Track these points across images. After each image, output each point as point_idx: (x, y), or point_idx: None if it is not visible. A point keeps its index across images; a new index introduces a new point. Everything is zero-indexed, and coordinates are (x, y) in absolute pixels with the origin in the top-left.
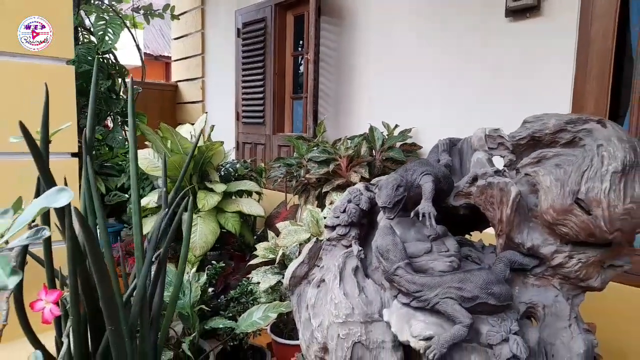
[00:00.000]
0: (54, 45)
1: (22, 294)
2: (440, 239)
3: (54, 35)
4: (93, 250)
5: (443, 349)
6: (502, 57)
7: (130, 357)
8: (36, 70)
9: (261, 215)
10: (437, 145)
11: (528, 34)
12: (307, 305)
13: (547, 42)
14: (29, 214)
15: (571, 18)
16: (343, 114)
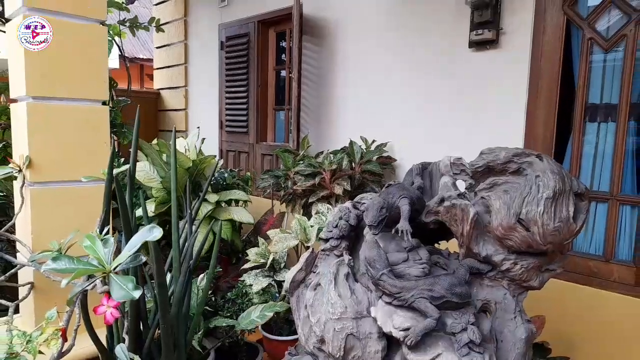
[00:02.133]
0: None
1: (86, 301)
2: (415, 250)
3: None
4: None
5: (418, 337)
6: (465, 82)
7: (172, 346)
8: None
9: (251, 222)
10: (412, 169)
11: (488, 63)
12: (306, 305)
13: (504, 71)
14: (132, 245)
15: (524, 51)
16: (324, 127)
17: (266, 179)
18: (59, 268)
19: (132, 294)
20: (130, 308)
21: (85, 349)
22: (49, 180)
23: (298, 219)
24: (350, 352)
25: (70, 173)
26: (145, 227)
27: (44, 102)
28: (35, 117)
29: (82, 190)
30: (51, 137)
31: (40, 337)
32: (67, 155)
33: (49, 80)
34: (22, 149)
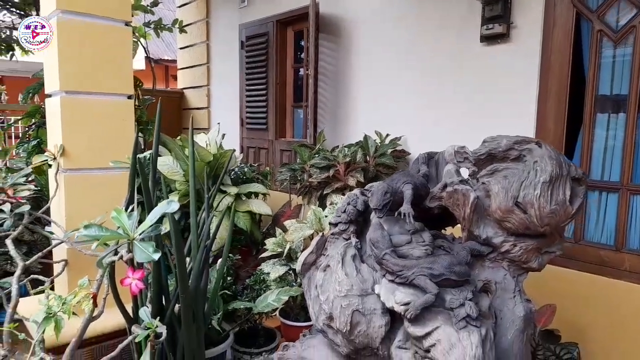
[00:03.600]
0: (118, 83)
1: (114, 273)
2: (418, 233)
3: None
4: (178, 243)
5: (417, 310)
6: (477, 76)
7: (191, 318)
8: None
9: (269, 214)
10: (418, 157)
11: (499, 57)
12: (316, 285)
13: (515, 64)
14: (153, 216)
15: (535, 44)
16: (340, 123)
17: (283, 172)
18: (90, 234)
19: (152, 256)
20: (153, 281)
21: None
22: (80, 167)
23: (313, 209)
24: (356, 327)
25: (99, 161)
26: (164, 200)
27: (75, 97)
28: (68, 110)
29: (110, 176)
30: (82, 128)
31: (74, 299)
32: (96, 144)
33: (80, 77)
34: (56, 139)
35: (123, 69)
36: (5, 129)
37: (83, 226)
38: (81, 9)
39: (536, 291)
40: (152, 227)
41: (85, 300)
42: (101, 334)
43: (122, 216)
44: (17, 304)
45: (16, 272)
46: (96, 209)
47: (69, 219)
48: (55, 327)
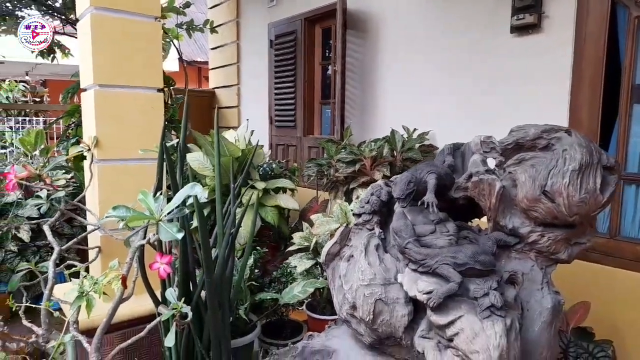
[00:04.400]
0: (149, 76)
1: (143, 258)
2: (442, 223)
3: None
4: (202, 228)
5: (440, 299)
6: (507, 68)
7: (217, 304)
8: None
9: (296, 209)
10: (444, 148)
11: (530, 48)
12: (340, 275)
13: (547, 55)
14: (178, 198)
15: (568, 34)
16: (367, 118)
17: (310, 167)
18: (118, 215)
19: (176, 235)
20: (180, 266)
21: (143, 307)
22: (112, 158)
23: (339, 203)
24: (379, 316)
25: (131, 151)
26: (188, 184)
27: (108, 90)
28: (101, 103)
29: (141, 166)
30: (114, 120)
31: (104, 279)
32: (127, 135)
33: (112, 70)
34: (90, 130)
35: (153, 63)
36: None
37: (112, 207)
38: (113, 5)
39: (569, 288)
40: (177, 210)
41: (115, 281)
42: (131, 318)
43: (149, 198)
44: (53, 285)
45: (52, 256)
46: (127, 197)
47: (102, 207)
48: (87, 306)
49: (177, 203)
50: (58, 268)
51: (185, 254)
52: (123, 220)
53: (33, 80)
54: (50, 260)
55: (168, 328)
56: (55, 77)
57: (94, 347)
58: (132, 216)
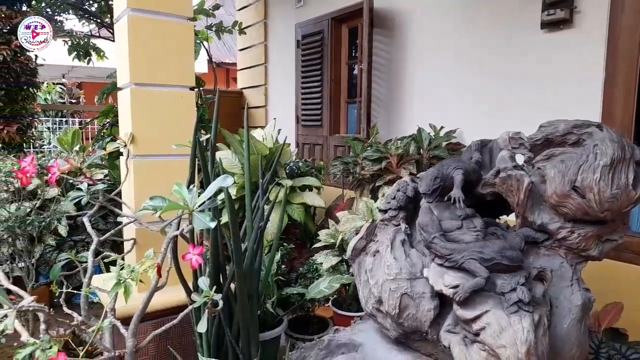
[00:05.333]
0: (181, 75)
1: (177, 249)
2: (469, 218)
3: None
4: (232, 219)
5: (466, 293)
6: (537, 65)
7: (246, 294)
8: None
9: (322, 206)
10: (471, 145)
11: (561, 44)
12: (366, 270)
13: (578, 52)
14: (211, 190)
15: (601, 30)
16: (393, 117)
17: (336, 165)
18: (154, 205)
19: (209, 224)
20: (211, 257)
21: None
22: (147, 153)
23: (365, 201)
24: (405, 311)
25: (165, 147)
26: (221, 176)
27: (143, 88)
28: (137, 100)
29: (174, 162)
30: (149, 117)
31: (141, 267)
32: (161, 132)
33: (148, 69)
34: (126, 127)
35: (185, 62)
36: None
37: (148, 198)
38: (149, 7)
39: (602, 289)
40: (210, 201)
41: (151, 269)
42: (164, 307)
43: (183, 189)
44: (92, 274)
45: (91, 246)
46: (161, 191)
47: (138, 201)
48: (124, 292)
49: (209, 194)
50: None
51: (216, 245)
52: (159, 210)
53: (69, 83)
54: (90, 250)
55: (199, 318)
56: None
57: (131, 333)
58: (168, 206)
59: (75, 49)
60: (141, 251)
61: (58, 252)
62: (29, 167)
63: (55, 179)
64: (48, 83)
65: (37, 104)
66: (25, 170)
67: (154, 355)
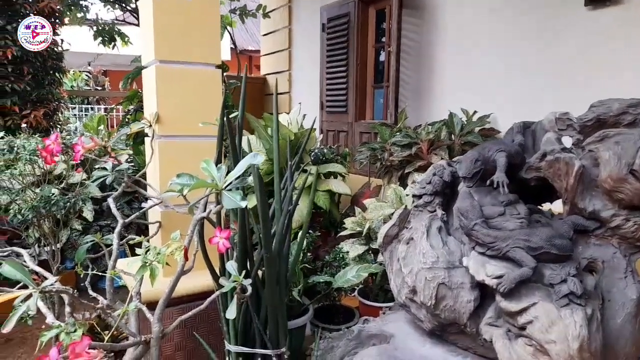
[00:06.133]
0: (207, 52)
1: (203, 233)
2: (512, 205)
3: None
4: (262, 199)
5: (512, 284)
6: (581, 45)
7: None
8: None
9: (348, 193)
10: (513, 127)
11: (607, 22)
12: (399, 258)
13: (626, 30)
14: (240, 167)
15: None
16: (423, 102)
17: (363, 151)
18: (181, 182)
19: (240, 203)
20: (239, 241)
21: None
22: (173, 134)
23: (394, 188)
24: (442, 302)
25: (191, 128)
26: (250, 153)
27: (168, 66)
28: (162, 78)
29: (200, 143)
30: (175, 96)
31: (167, 250)
32: (187, 111)
33: (173, 46)
34: (151, 107)
35: (211, 39)
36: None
37: (175, 175)
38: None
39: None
40: (239, 179)
41: (178, 251)
42: (190, 293)
43: (211, 166)
44: (117, 256)
45: (116, 228)
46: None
47: (163, 183)
48: (150, 275)
49: (239, 172)
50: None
51: (244, 228)
52: (186, 188)
53: (95, 70)
54: (115, 232)
55: (226, 304)
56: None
57: (157, 317)
58: (196, 183)
59: (100, 35)
60: (167, 234)
61: (84, 236)
62: (53, 146)
63: (80, 157)
64: (74, 71)
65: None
66: (50, 149)
67: (180, 341)
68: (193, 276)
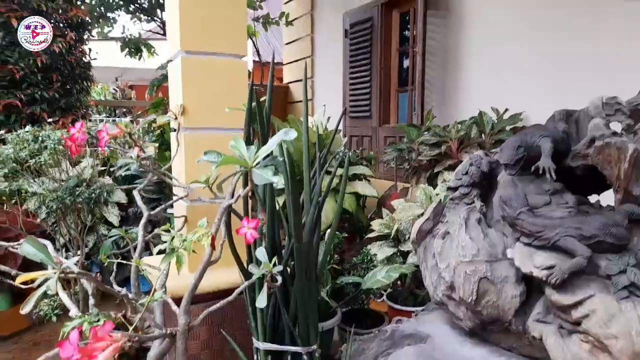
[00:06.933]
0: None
1: (230, 224)
2: (559, 194)
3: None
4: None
5: (564, 275)
6: (619, 38)
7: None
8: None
9: (374, 195)
10: (554, 114)
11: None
12: (434, 253)
13: None
14: (271, 144)
15: None
16: (449, 104)
17: (389, 152)
18: (210, 159)
19: (272, 179)
20: (267, 232)
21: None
22: (198, 126)
23: (423, 188)
24: (484, 297)
25: (216, 120)
26: (282, 129)
27: (194, 57)
28: (188, 69)
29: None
30: (200, 87)
31: (194, 237)
32: (213, 103)
33: (198, 36)
34: (177, 99)
35: (237, 30)
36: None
37: (203, 153)
38: None
39: None
40: (270, 158)
41: (205, 237)
42: (217, 289)
43: (240, 144)
44: (142, 248)
45: (142, 220)
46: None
47: (189, 176)
48: (176, 262)
49: (269, 149)
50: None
51: (272, 217)
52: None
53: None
54: (140, 224)
55: (254, 299)
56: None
57: (183, 310)
58: (224, 158)
59: (127, 46)
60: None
61: None
62: (78, 134)
63: (106, 143)
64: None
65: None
66: (75, 138)
67: (206, 340)
68: (218, 273)
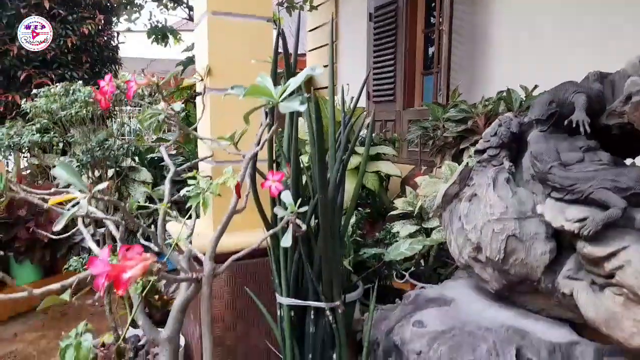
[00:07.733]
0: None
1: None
2: (593, 151)
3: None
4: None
5: (598, 227)
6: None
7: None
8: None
9: (397, 174)
10: (588, 76)
11: None
12: (460, 216)
13: None
14: (298, 79)
15: None
16: (476, 83)
17: (414, 130)
18: (237, 92)
19: (299, 107)
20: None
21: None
22: (225, 87)
23: (448, 164)
24: (512, 255)
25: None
26: (309, 66)
27: (220, 17)
28: (214, 30)
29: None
30: (226, 48)
31: (220, 179)
32: (238, 64)
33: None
34: (203, 61)
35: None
36: None
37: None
38: None
39: None
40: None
41: (231, 179)
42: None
43: (266, 80)
44: (169, 201)
45: (168, 175)
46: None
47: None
48: (202, 204)
49: (296, 84)
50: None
51: (297, 171)
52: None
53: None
54: (166, 179)
55: (278, 256)
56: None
57: (208, 256)
58: (252, 87)
59: (154, 33)
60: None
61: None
62: (107, 87)
63: (134, 93)
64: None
65: None
66: (104, 91)
67: (230, 299)
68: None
